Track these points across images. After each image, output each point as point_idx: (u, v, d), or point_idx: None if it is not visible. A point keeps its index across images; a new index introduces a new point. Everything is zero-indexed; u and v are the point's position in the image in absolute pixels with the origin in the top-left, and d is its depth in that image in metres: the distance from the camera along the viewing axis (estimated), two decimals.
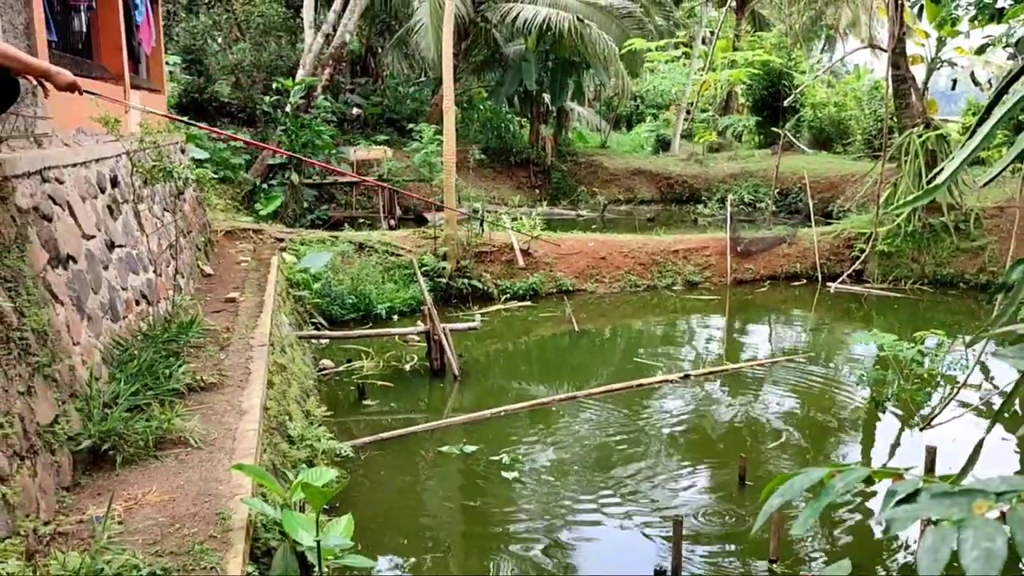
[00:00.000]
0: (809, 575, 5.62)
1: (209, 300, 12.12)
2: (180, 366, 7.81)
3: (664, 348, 15.32)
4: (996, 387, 12.14)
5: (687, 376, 12.50)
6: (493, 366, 13.89)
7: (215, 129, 18.01)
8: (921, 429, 8.69)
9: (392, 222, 26.80)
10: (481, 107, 31.84)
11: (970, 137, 4.21)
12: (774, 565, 7.47)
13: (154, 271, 10.57)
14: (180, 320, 8.72)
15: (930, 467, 7.42)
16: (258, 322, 10.87)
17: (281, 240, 17.21)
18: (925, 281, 18.93)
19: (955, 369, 12.17)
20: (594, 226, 28.60)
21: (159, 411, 7.05)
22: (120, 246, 9.28)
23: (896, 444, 10.34)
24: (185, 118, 15.66)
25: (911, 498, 1.67)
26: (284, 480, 7.56)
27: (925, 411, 10.92)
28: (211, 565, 5.12)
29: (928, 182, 19.12)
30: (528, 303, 17.30)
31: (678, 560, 6.36)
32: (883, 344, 9.32)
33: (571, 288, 18.19)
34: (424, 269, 16.66)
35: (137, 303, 9.46)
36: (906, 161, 19.66)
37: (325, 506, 5.96)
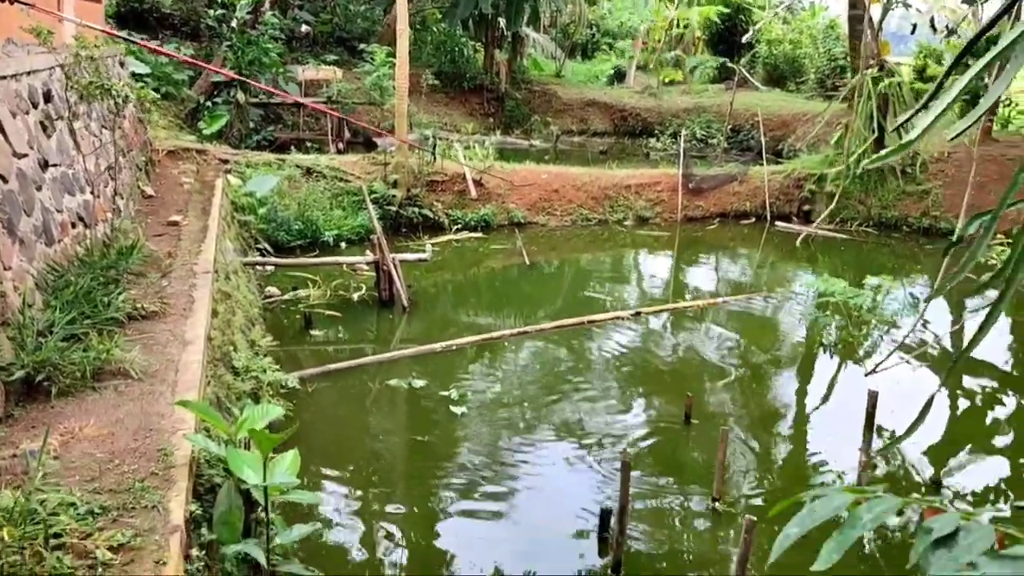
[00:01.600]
0: (752, 519, 5.69)
1: (150, 223, 11.70)
2: (120, 294, 7.52)
3: (614, 284, 15.35)
4: (934, 334, 12.42)
5: (638, 314, 12.54)
6: (442, 297, 13.77)
7: (156, 48, 17.17)
8: (867, 375, 8.82)
9: (340, 146, 26.16)
10: (435, 29, 30.92)
11: (938, 88, 4.10)
12: (716, 504, 7.60)
13: (91, 192, 10.11)
14: (120, 245, 8.36)
15: (871, 411, 7.56)
16: (202, 248, 10.53)
17: (226, 162, 16.65)
18: (870, 223, 19.19)
19: (898, 315, 12.38)
20: (547, 157, 28.31)
21: (97, 341, 6.79)
22: (54, 165, 8.82)
23: (834, 381, 10.55)
24: (123, 32, 14.90)
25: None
26: (228, 415, 7.39)
27: (865, 352, 11.17)
28: (152, 503, 4.97)
29: (879, 127, 19.24)
30: (479, 234, 17.12)
31: (625, 500, 6.41)
32: (835, 291, 9.38)
33: (523, 220, 18.03)
34: (374, 197, 16.31)
35: (73, 225, 9.05)
36: (859, 103, 19.69)
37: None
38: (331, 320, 12.12)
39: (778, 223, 19.06)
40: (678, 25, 32.62)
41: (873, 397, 7.53)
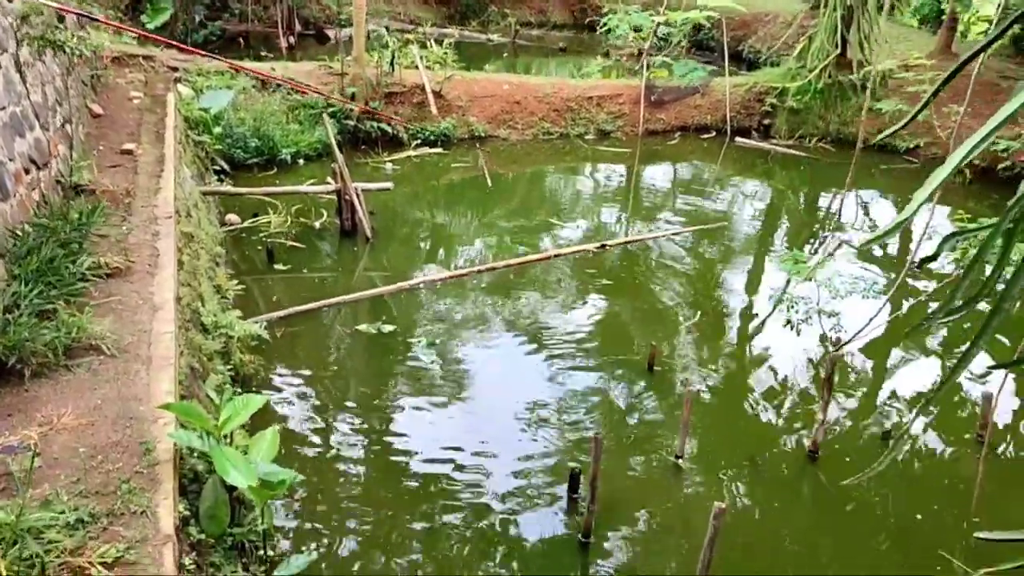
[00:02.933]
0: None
1: (102, 151, 11.27)
2: (84, 258, 7.31)
3: (578, 206, 15.35)
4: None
5: (603, 246, 12.59)
6: (406, 225, 13.63)
7: None
8: (836, 349, 9.06)
9: (291, 39, 25.18)
10: None
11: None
12: (680, 461, 7.91)
13: (41, 126, 9.67)
14: (81, 209, 8.07)
15: (831, 375, 7.79)
16: (160, 183, 10.22)
17: (175, 69, 15.94)
18: (828, 139, 19.27)
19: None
20: (505, 53, 27.69)
21: (67, 314, 6.67)
22: (2, 108, 8.39)
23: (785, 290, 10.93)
24: None
25: None
26: (202, 382, 7.40)
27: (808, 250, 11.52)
28: (141, 508, 5.03)
29: (843, 41, 19.07)
30: (440, 150, 16.81)
31: (596, 471, 6.64)
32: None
33: (484, 134, 17.73)
34: (331, 111, 15.85)
35: (27, 171, 8.69)
36: (824, 14, 19.43)
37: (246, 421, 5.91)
38: (294, 252, 11.98)
39: (738, 139, 19.03)
40: None
41: (833, 361, 7.78)
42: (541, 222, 14.10)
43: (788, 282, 11.25)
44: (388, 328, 9.99)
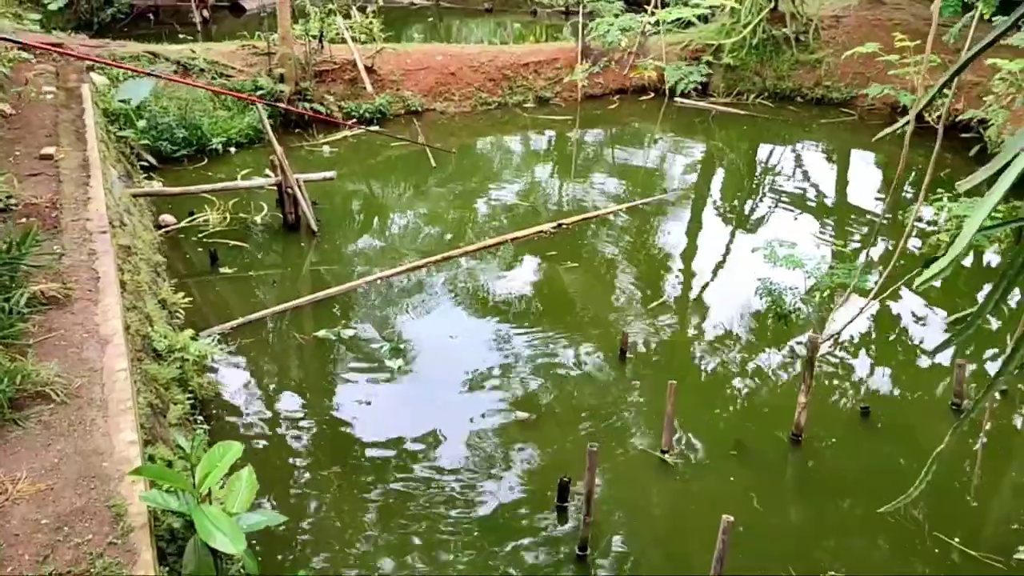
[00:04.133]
0: None
1: (19, 156, 10.45)
2: (20, 295, 6.69)
3: (523, 180, 15.01)
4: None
5: (560, 226, 12.31)
6: (351, 214, 13.13)
7: None
8: (823, 341, 8.97)
9: (205, 12, 24.02)
10: None
11: None
12: (665, 456, 7.74)
13: None
14: (10, 237, 7.37)
15: (812, 357, 7.69)
16: (89, 192, 9.50)
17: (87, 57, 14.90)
18: (766, 95, 19.22)
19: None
20: (429, 17, 26.95)
21: (7, 360, 6.08)
22: None
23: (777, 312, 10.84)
24: None
25: None
26: (163, 417, 6.90)
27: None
28: None
29: None
30: (376, 128, 16.20)
31: (591, 484, 6.41)
32: (784, 261, 9.35)
33: (420, 108, 17.17)
34: (260, 93, 15.08)
35: None
36: None
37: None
38: (237, 252, 11.40)
39: (677, 99, 18.82)
40: None
41: (813, 342, 7.67)
42: (488, 199, 13.79)
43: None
44: (349, 332, 9.56)
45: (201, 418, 7.73)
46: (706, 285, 11.27)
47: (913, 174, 14.90)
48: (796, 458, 7.93)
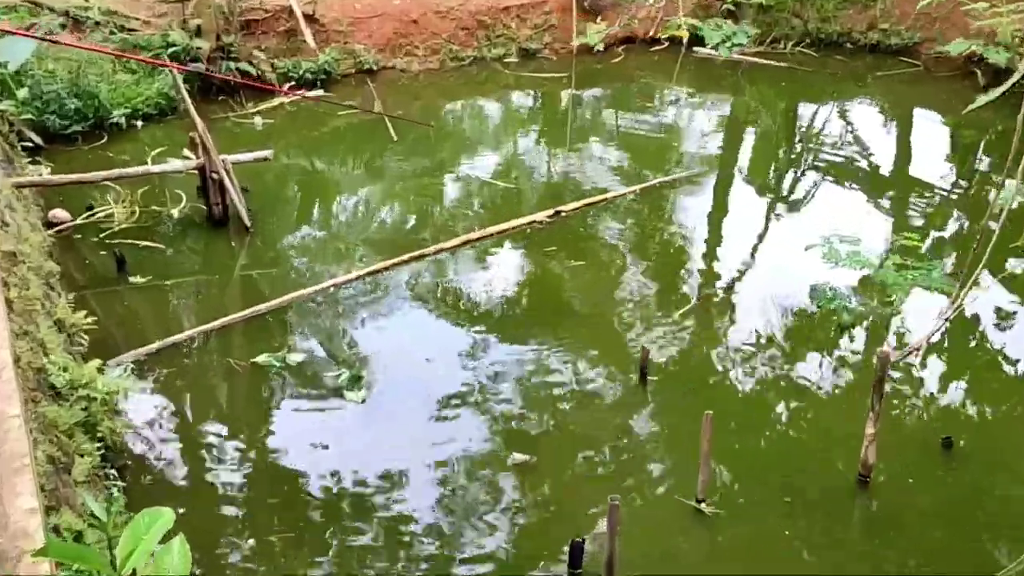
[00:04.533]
0: None
1: None
2: None
3: (505, 152, 15.06)
4: None
5: (557, 213, 12.35)
6: (292, 203, 13.09)
7: None
8: (897, 360, 9.06)
9: None
10: None
11: None
12: (702, 505, 7.78)
13: None
14: None
15: (881, 376, 7.76)
16: None
17: None
18: (807, 42, 19.25)
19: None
20: None
21: None
22: None
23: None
24: None
25: None
26: (67, 474, 6.85)
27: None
28: None
29: None
30: (320, 91, 16.14)
31: (613, 547, 6.44)
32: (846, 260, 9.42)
33: (375, 66, 17.09)
34: (173, 52, 14.97)
35: None
36: None
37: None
38: (151, 255, 11.32)
39: (696, 48, 18.86)
40: None
41: (884, 359, 7.73)
42: (462, 179, 13.85)
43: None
44: (296, 357, 9.51)
45: (114, 472, 7.66)
46: (742, 285, 11.33)
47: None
48: (864, 504, 7.99)
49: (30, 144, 13.33)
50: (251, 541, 7.50)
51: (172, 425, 8.78)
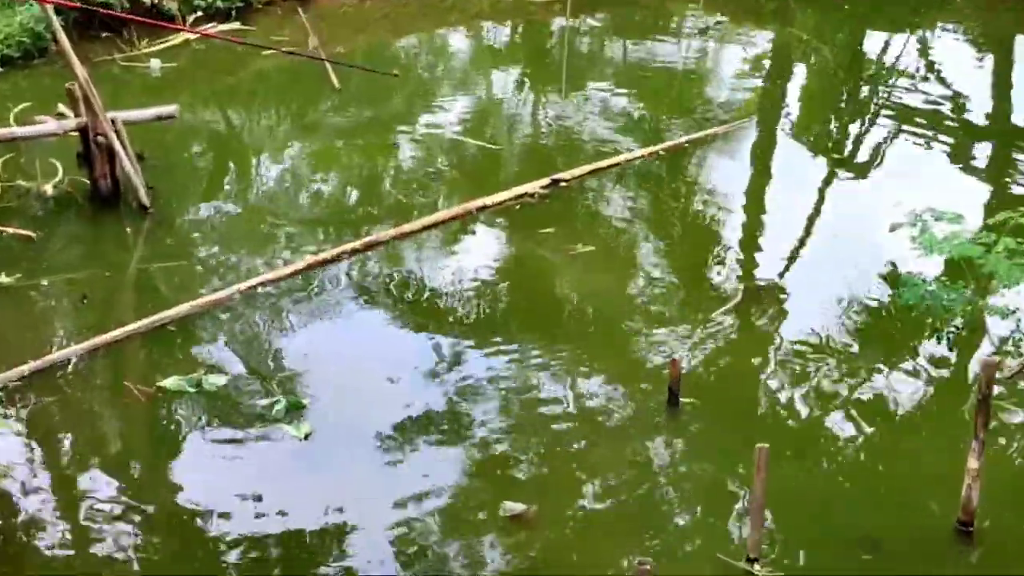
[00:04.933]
0: None
1: None
2: None
3: (482, 103, 14.91)
4: None
5: (555, 183, 12.19)
6: (202, 174, 12.88)
7: None
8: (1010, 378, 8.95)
9: None
10: None
11: None
12: (756, 568, 7.62)
13: None
14: None
15: (986, 394, 7.61)
16: None
17: None
18: None
19: None
20: None
21: None
22: None
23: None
24: None
25: None
26: None
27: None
28: None
29: None
30: (237, 24, 15.95)
31: None
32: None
33: None
34: None
35: None
36: None
37: None
38: (16, 246, 11.09)
39: None
40: None
41: (989, 371, 7.57)
42: (422, 138, 13.75)
43: None
44: (216, 381, 9.28)
45: None
46: (796, 275, 11.25)
47: None
48: (966, 560, 7.83)
49: None
50: None
51: (46, 475, 8.54)
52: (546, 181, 12.24)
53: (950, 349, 9.64)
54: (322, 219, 12.06)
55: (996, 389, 8.12)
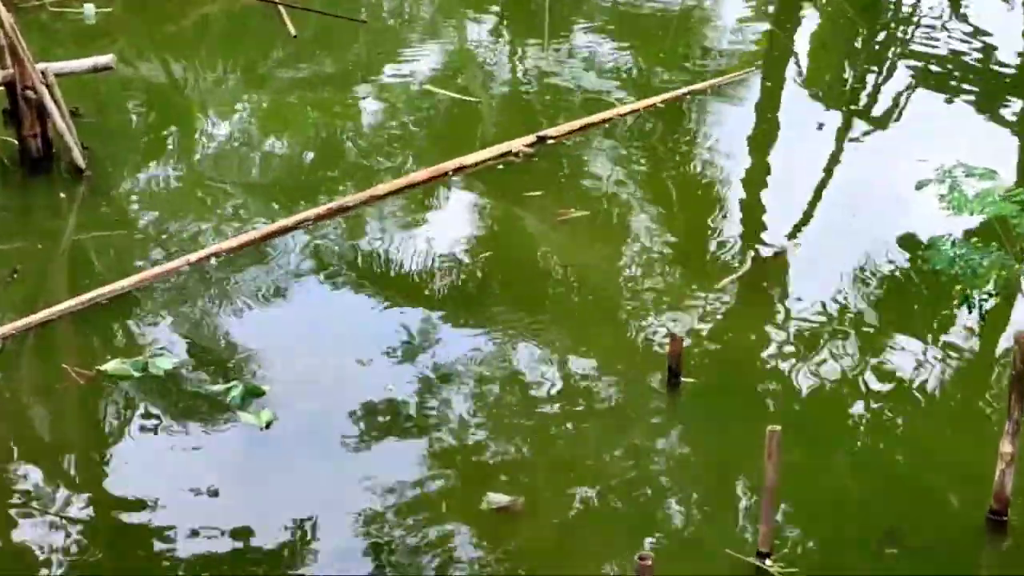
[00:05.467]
0: None
1: None
2: None
3: (452, 53, 14.90)
4: None
5: (542, 139, 12.22)
6: (143, 132, 12.86)
7: None
8: None
9: None
10: None
11: None
12: (768, 563, 7.69)
13: None
14: None
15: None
16: None
17: None
18: None
19: None
20: None
21: None
22: None
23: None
24: None
25: None
26: None
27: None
28: None
29: None
30: None
31: None
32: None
33: None
34: None
35: None
36: None
37: None
38: None
39: None
40: None
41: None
42: (388, 91, 13.82)
43: None
44: (164, 364, 9.30)
45: None
46: (808, 241, 11.29)
47: None
48: (997, 552, 7.93)
49: None
50: None
51: None
52: (531, 138, 12.28)
53: (981, 319, 9.63)
54: (278, 184, 12.03)
55: None
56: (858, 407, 9.18)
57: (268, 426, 8.83)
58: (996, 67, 14.27)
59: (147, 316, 10.10)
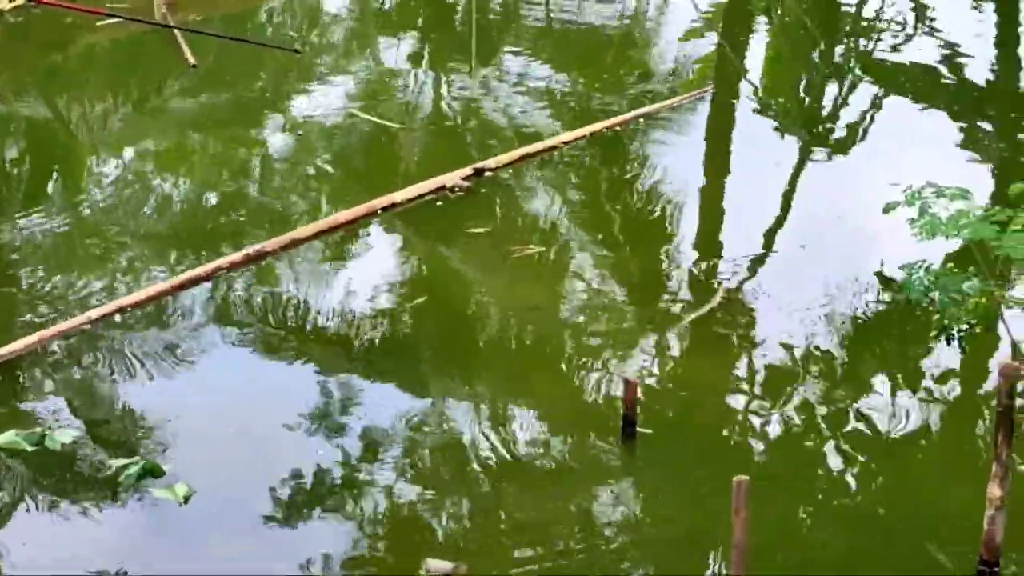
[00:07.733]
0: None
1: None
2: None
3: (369, 77, 15.01)
4: None
5: (481, 172, 12.33)
6: (16, 177, 12.90)
7: None
8: None
9: None
10: None
11: None
12: None
13: None
14: None
15: (1008, 405, 7.78)
16: None
17: None
18: None
19: None
20: None
21: None
22: None
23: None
24: None
25: None
26: None
27: None
28: None
29: None
30: None
31: None
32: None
33: None
34: None
35: None
36: None
37: None
38: None
39: None
40: None
41: (1010, 376, 7.77)
42: (298, 121, 13.95)
43: None
44: (62, 437, 9.23)
45: None
46: (769, 273, 11.46)
47: None
48: None
49: None
50: None
51: None
52: (468, 171, 12.39)
53: (963, 352, 9.74)
54: (178, 232, 11.97)
55: (1020, 400, 8.34)
56: (832, 454, 9.25)
57: (187, 501, 8.75)
58: (967, 80, 14.43)
59: (32, 384, 10.04)
